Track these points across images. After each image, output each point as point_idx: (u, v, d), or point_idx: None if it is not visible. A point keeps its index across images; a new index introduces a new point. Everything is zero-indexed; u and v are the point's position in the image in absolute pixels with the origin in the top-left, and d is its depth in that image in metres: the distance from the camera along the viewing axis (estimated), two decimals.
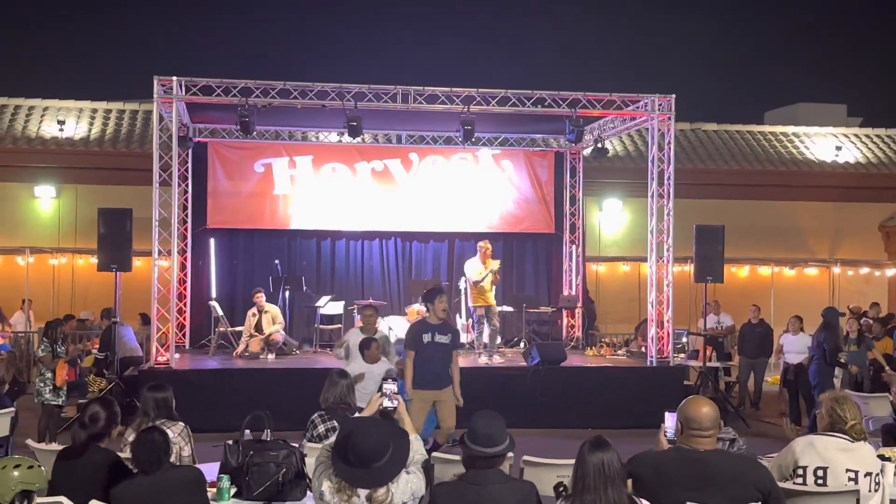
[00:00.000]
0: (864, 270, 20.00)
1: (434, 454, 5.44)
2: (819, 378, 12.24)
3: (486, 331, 13.81)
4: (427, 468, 4.61)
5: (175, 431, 5.70)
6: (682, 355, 14.78)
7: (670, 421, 4.70)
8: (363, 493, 4.06)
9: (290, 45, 53.90)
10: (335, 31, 56.74)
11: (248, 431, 5.38)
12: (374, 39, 55.75)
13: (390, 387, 4.87)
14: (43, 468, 4.55)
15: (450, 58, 50.30)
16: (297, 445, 5.37)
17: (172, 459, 5.06)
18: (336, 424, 6.21)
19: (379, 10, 56.90)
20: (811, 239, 20.20)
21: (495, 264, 13.64)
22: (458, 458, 5.95)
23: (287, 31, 56.55)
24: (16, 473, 4.31)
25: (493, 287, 13.79)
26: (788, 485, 4.98)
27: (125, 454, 5.40)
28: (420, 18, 56.43)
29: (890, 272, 19.97)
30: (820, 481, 4.96)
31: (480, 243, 13.92)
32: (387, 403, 4.86)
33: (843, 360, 12.71)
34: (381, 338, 10.06)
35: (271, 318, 14.25)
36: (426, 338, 9.01)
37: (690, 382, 13.93)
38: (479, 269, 13.69)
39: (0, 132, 18.19)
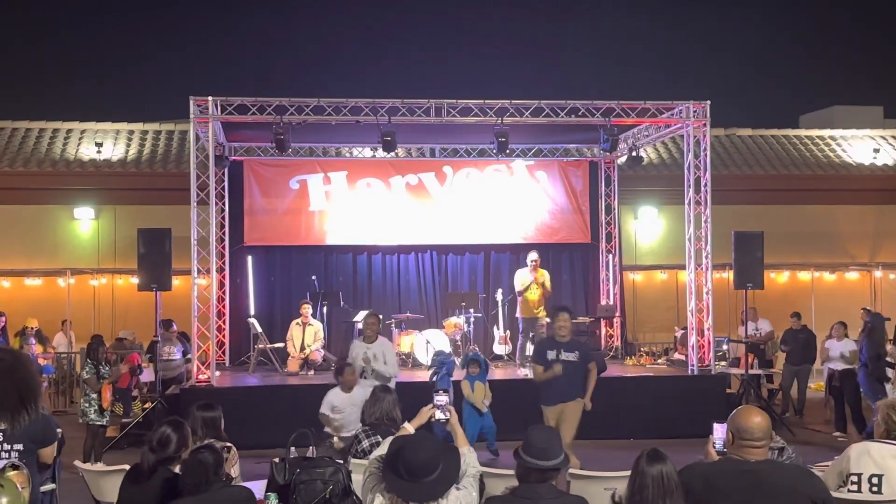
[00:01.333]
0: None
1: (485, 469, 5.41)
2: (868, 385, 12.03)
3: (529, 344, 13.89)
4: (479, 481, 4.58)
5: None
6: (724, 363, 14.65)
7: (719, 432, 4.63)
8: None
9: (323, 62, 54.25)
10: (367, 46, 57.06)
11: (293, 449, 5.38)
12: (405, 53, 55.99)
13: (442, 399, 4.85)
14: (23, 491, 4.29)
15: (482, 69, 50.38)
16: (342, 462, 5.36)
17: None
18: (380, 440, 6.21)
19: (410, 23, 57.15)
20: (851, 243, 19.94)
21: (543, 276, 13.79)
22: (508, 472, 5.92)
23: (319, 49, 56.93)
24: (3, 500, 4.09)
25: (545, 299, 13.86)
26: (842, 493, 4.90)
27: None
28: (451, 31, 56.63)
29: None
30: (875, 489, 4.88)
31: (531, 256, 14.09)
32: (439, 415, 4.83)
33: (888, 374, 12.38)
34: (365, 357, 9.90)
35: (314, 332, 14.37)
36: (551, 354, 9.09)
37: (732, 390, 13.78)
38: (523, 280, 13.82)
39: (39, 156, 18.44)
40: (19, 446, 4.59)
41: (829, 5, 54.49)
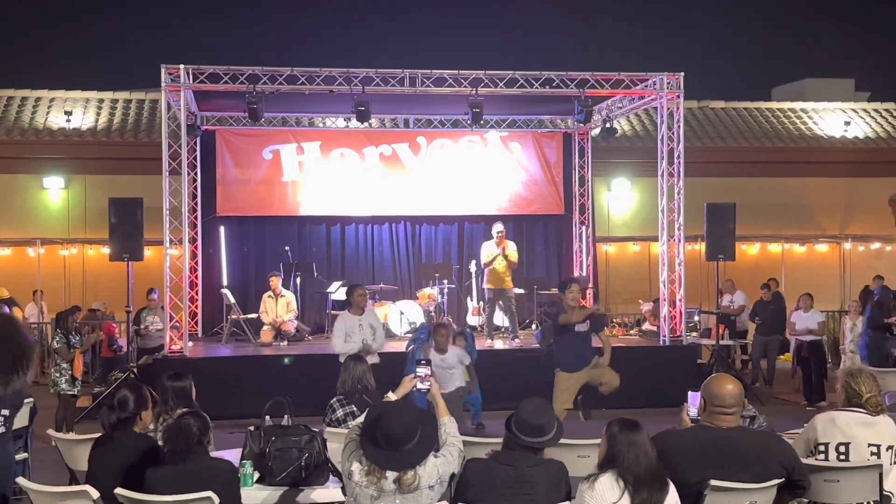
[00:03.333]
0: (875, 245, 19.93)
1: (466, 438, 5.44)
2: (869, 351, 12.25)
3: (498, 314, 13.94)
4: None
5: None
6: (695, 334, 14.79)
7: (693, 400, 4.69)
8: (391, 475, 4.08)
9: (296, 31, 53.75)
10: (342, 15, 56.58)
11: (268, 417, 5.39)
12: (380, 23, 55.59)
13: (423, 370, 4.88)
14: None
15: (456, 40, 50.13)
16: (317, 430, 5.38)
17: None
18: (355, 409, 6.23)
19: None
20: (821, 215, 20.12)
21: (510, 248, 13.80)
22: (492, 440, 5.93)
23: (293, 17, 56.39)
24: None
25: (511, 270, 13.85)
26: (811, 461, 4.98)
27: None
28: (426, 2, 56.25)
29: None
30: (842, 457, 4.96)
31: (496, 228, 13.92)
32: (420, 385, 4.86)
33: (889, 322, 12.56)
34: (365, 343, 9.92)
35: (286, 303, 14.34)
36: (578, 329, 9.30)
37: (704, 361, 13.93)
38: (488, 252, 13.78)
39: (7, 124, 18.19)
40: (6, 412, 4.57)
41: None
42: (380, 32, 53.48)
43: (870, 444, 4.98)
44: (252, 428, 5.30)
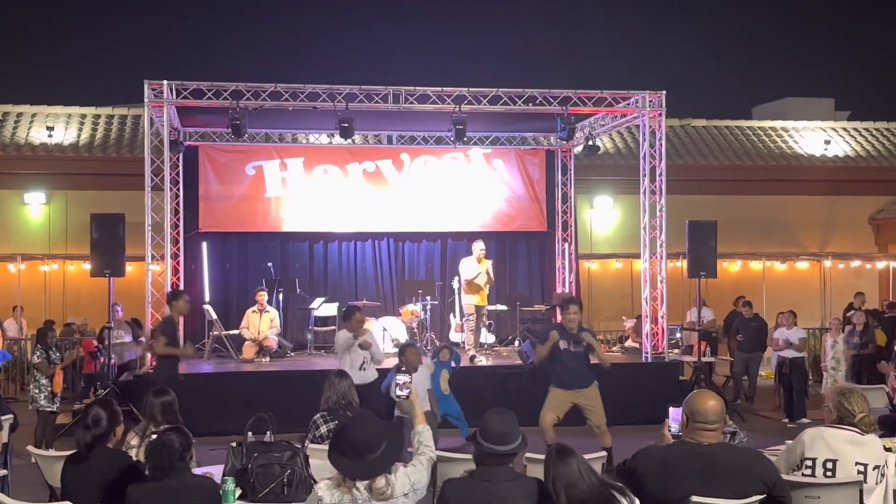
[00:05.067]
0: (855, 263, 20.07)
1: (440, 453, 5.43)
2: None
3: (483, 330, 14.05)
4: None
5: None
6: (677, 351, 14.83)
7: (674, 415, 4.71)
8: (362, 484, 4.11)
9: (280, 48, 53.79)
10: (325, 32, 56.67)
11: (250, 433, 5.37)
12: (364, 39, 55.70)
13: (403, 377, 4.89)
14: None
15: (440, 57, 50.30)
16: (300, 447, 5.37)
17: None
18: (338, 424, 6.21)
19: (368, 10, 56.87)
20: (802, 233, 20.28)
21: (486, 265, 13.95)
22: (460, 456, 5.95)
23: (277, 34, 56.42)
24: None
25: (488, 287, 13.96)
26: (797, 476, 5.00)
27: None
28: (410, 18, 56.44)
29: (880, 265, 20.05)
30: (829, 474, 4.98)
31: (476, 245, 14.01)
32: (399, 393, 4.88)
33: None
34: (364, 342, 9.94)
35: (269, 319, 14.31)
36: (562, 344, 9.23)
37: (686, 378, 13.96)
38: (470, 269, 13.86)
39: None
40: None
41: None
42: (364, 49, 53.60)
43: (857, 463, 5.00)
44: (234, 444, 5.28)
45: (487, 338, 14.92)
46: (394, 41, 55.25)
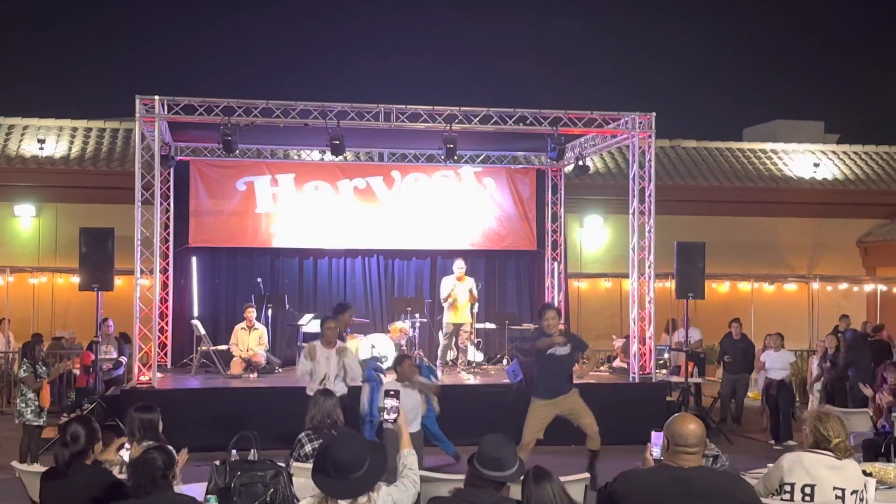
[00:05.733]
0: (843, 286, 20.15)
1: (423, 473, 5.44)
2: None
3: (471, 348, 14.17)
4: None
5: None
6: (665, 371, 14.86)
7: (657, 439, 4.73)
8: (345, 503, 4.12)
9: (272, 65, 53.92)
10: (317, 50, 56.83)
11: (234, 451, 5.38)
12: (355, 57, 55.89)
13: (391, 402, 4.90)
14: None
15: (431, 76, 50.48)
16: (283, 465, 5.38)
17: None
18: (323, 443, 6.22)
19: (360, 28, 57.07)
20: (790, 255, 20.37)
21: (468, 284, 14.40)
22: (445, 477, 5.96)
23: (269, 51, 56.55)
24: None
25: (473, 305, 14.14)
26: (776, 501, 5.03)
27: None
28: (401, 37, 56.66)
29: (868, 288, 20.14)
30: (808, 499, 5.01)
31: (456, 263, 14.54)
32: (386, 416, 4.89)
33: None
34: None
35: (258, 336, 14.32)
36: (558, 352, 9.34)
37: (673, 398, 13.98)
38: (447, 288, 14.20)
39: None
40: None
41: (773, 21, 55.55)
42: (355, 68, 53.79)
43: (835, 488, 5.04)
44: (217, 462, 5.28)
45: (476, 356, 14.96)
46: (385, 60, 55.43)
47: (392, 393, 5.06)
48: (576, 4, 56.95)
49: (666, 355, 15.48)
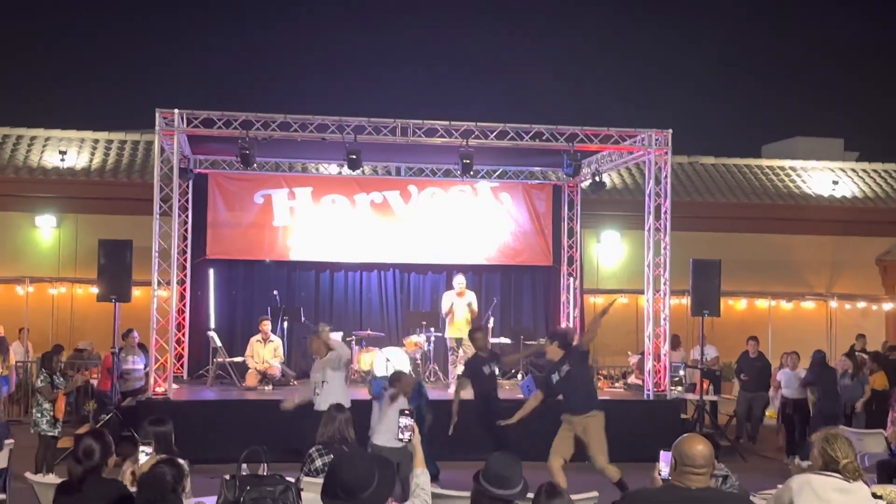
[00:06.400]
0: (862, 304, 20.03)
1: (434, 490, 5.46)
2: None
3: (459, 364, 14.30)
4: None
5: None
6: (680, 388, 14.81)
7: (665, 459, 4.73)
8: None
9: (290, 79, 54.19)
10: (335, 64, 57.08)
11: (245, 465, 5.41)
12: (373, 73, 56.07)
13: (406, 420, 4.90)
14: None
15: (448, 91, 50.61)
16: (293, 480, 5.40)
17: None
18: (334, 459, 6.24)
19: (378, 43, 57.33)
20: (808, 273, 20.26)
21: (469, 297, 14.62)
22: (455, 494, 5.97)
23: (287, 65, 56.89)
24: None
25: (471, 321, 14.25)
26: None
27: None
28: (419, 52, 56.82)
29: (887, 306, 20.01)
30: None
31: (456, 279, 14.79)
32: (401, 436, 4.89)
33: None
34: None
35: (273, 348, 14.38)
36: (555, 378, 9.39)
37: (688, 416, 13.94)
38: (445, 303, 14.29)
39: (1, 162, 18.29)
40: None
41: (793, 38, 55.41)
42: (373, 83, 53.95)
43: None
44: (227, 476, 5.31)
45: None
46: (402, 75, 55.62)
47: (407, 412, 5.07)
48: (593, 21, 56.99)
49: (681, 372, 15.42)
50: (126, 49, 55.02)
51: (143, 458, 5.78)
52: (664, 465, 4.74)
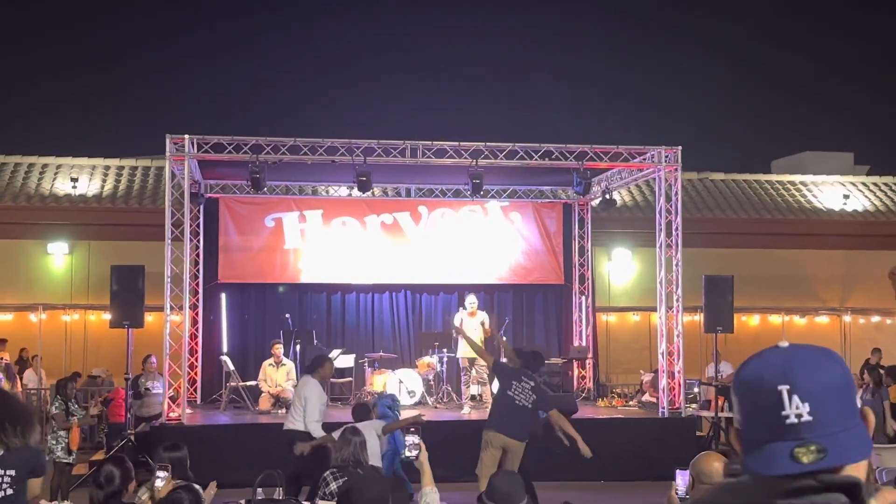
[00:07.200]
0: (876, 318, 19.93)
1: None
2: None
3: (472, 384, 14.27)
4: None
5: None
6: (694, 405, 14.74)
7: (681, 479, 4.70)
8: None
9: (298, 102, 54.48)
10: (344, 87, 57.39)
11: (260, 490, 5.40)
12: (382, 94, 56.33)
13: (413, 438, 4.89)
14: None
15: (457, 112, 50.77)
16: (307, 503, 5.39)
17: None
18: (348, 481, 6.23)
19: (386, 66, 57.60)
20: (821, 287, 20.17)
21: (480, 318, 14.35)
22: None
23: (296, 89, 57.21)
24: None
25: (484, 339, 14.18)
26: None
27: None
28: (427, 73, 57.07)
29: None
30: None
31: (468, 298, 14.65)
32: (408, 453, 4.88)
33: None
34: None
35: (286, 371, 14.38)
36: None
37: (703, 433, 13.86)
38: (457, 322, 14.21)
39: (13, 190, 18.39)
40: (12, 472, 4.67)
41: (801, 52, 55.46)
42: (381, 104, 54.17)
43: None
44: (243, 502, 5.31)
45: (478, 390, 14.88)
46: (411, 97, 55.85)
47: (413, 430, 5.06)
48: (601, 38, 57.17)
49: (696, 389, 15.35)
50: (135, 76, 55.43)
51: (159, 483, 5.76)
52: (681, 484, 4.71)
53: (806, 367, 1.57)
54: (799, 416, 1.53)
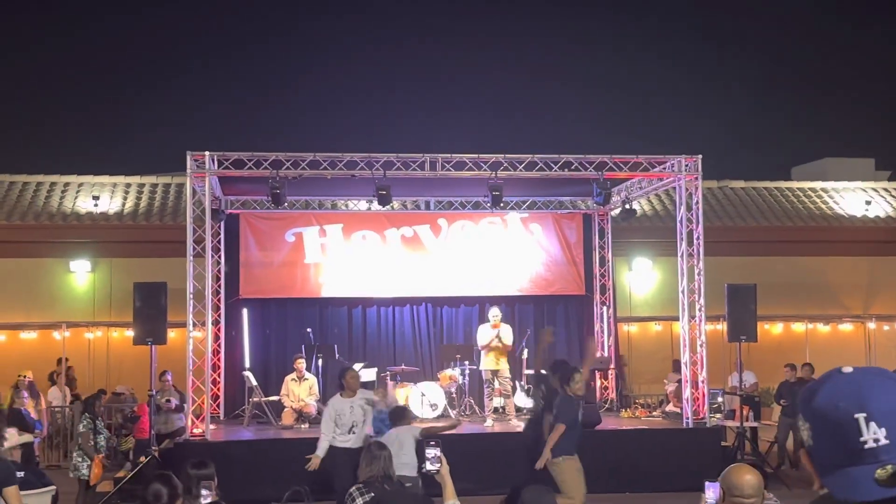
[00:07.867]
0: None
1: None
2: None
3: (495, 396, 14.23)
4: None
5: None
6: (719, 415, 14.63)
7: (710, 491, 4.67)
8: None
9: (318, 117, 54.68)
10: (363, 101, 57.59)
11: None
12: (400, 108, 56.50)
13: (433, 451, 4.86)
14: None
15: (476, 124, 50.82)
16: None
17: None
18: (375, 497, 6.21)
19: (405, 79, 57.72)
20: (844, 294, 20.02)
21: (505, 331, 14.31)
22: None
23: (316, 104, 57.40)
24: None
25: (505, 353, 14.16)
26: None
27: None
28: (446, 86, 57.19)
29: None
30: None
31: (491, 311, 14.61)
32: (429, 466, 4.85)
33: None
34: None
35: (308, 386, 14.38)
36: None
37: (728, 443, 13.76)
38: (484, 336, 14.15)
39: (36, 209, 18.54)
40: None
41: (819, 59, 55.20)
42: (400, 118, 54.34)
43: None
44: None
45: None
46: (430, 110, 55.95)
47: (433, 442, 5.03)
48: (620, 48, 57.14)
49: (720, 399, 15.25)
50: (155, 93, 55.80)
51: (204, 503, 5.75)
52: (711, 497, 4.68)
53: (877, 393, 1.66)
54: (877, 440, 1.62)
